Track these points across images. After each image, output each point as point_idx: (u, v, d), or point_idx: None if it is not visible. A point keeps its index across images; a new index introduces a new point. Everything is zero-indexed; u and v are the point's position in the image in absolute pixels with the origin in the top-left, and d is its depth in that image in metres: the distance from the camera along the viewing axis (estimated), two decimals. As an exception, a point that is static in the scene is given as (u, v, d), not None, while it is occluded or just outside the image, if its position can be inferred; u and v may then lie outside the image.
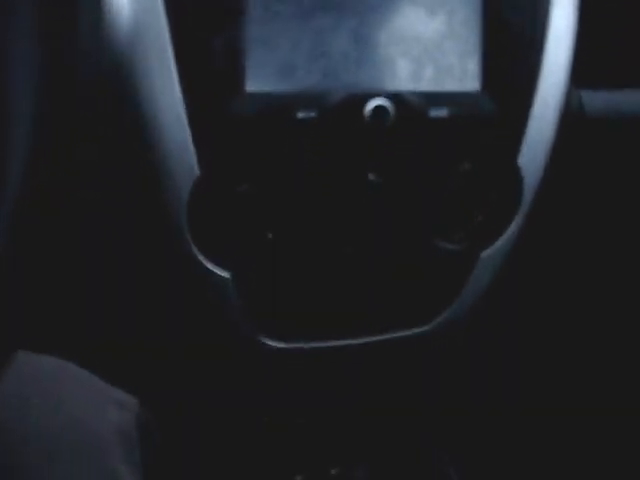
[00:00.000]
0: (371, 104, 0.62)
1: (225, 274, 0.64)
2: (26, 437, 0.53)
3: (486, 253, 0.71)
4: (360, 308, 0.69)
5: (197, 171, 0.61)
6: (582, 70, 0.73)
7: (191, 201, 0.61)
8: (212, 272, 0.64)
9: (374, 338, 0.68)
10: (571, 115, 0.74)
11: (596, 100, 0.78)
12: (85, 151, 0.40)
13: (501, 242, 0.71)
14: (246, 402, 0.83)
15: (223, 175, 0.62)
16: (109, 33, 0.53)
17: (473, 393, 1.00)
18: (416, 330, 0.72)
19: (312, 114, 0.62)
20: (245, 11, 0.60)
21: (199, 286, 0.65)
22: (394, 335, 0.71)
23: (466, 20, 0.66)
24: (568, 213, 0.84)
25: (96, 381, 0.62)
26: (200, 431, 0.87)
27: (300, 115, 0.62)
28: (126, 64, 0.59)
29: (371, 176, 0.64)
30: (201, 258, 0.63)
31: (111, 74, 0.57)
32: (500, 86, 0.67)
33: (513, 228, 0.71)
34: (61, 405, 0.57)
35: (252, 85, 0.61)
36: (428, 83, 0.65)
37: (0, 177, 0.35)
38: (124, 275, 0.72)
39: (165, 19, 0.59)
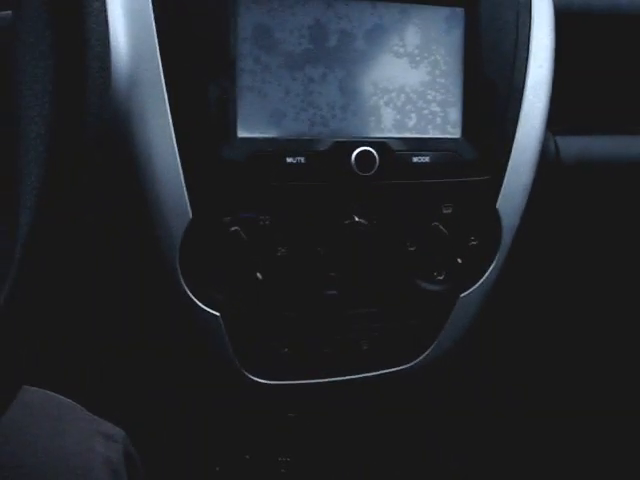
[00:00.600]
0: (357, 151, 0.65)
1: (215, 313, 0.66)
2: (17, 469, 0.54)
3: (466, 294, 0.73)
4: (345, 347, 0.70)
5: (190, 214, 0.63)
6: (558, 117, 0.76)
7: (183, 243, 0.63)
8: (203, 310, 0.66)
9: (358, 376, 0.70)
10: (547, 160, 0.77)
11: (571, 146, 0.81)
12: (86, 192, 0.41)
13: (481, 283, 0.73)
14: (233, 436, 0.84)
15: (215, 218, 0.64)
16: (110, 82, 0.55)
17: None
18: (399, 368, 0.73)
19: (301, 160, 0.64)
20: (236, 62, 0.63)
21: (190, 324, 0.66)
22: (378, 373, 0.73)
23: (448, 71, 0.69)
24: (545, 254, 0.87)
25: (84, 413, 0.63)
26: (185, 463, 0.88)
27: (289, 160, 0.64)
28: (123, 111, 0.61)
29: (357, 219, 0.66)
30: (192, 297, 0.65)
31: (109, 121, 0.59)
32: (480, 133, 0.70)
33: (492, 270, 0.73)
34: (51, 437, 0.58)
35: (243, 131, 0.64)
36: (411, 131, 0.68)
37: (14, 225, 0.37)
38: (118, 312, 0.74)
39: (161, 69, 0.61)
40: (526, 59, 0.72)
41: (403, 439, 0.95)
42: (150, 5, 0.61)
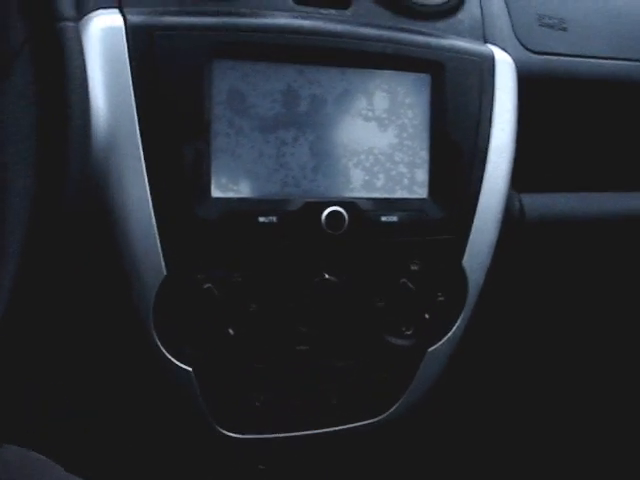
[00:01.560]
0: (327, 211, 0.67)
1: (187, 368, 0.67)
2: None
3: (433, 348, 0.75)
4: (315, 401, 0.72)
5: (164, 271, 0.64)
6: (522, 175, 0.79)
7: (157, 299, 0.65)
8: (175, 365, 0.67)
9: (328, 430, 0.71)
10: (512, 218, 0.80)
11: (535, 203, 0.84)
12: (65, 253, 0.43)
13: (448, 337, 0.75)
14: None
15: (188, 275, 0.65)
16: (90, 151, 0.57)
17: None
18: (368, 421, 0.75)
19: (273, 219, 0.66)
20: (210, 125, 0.65)
21: (162, 378, 0.67)
22: (347, 426, 0.74)
23: (415, 134, 0.72)
24: (511, 309, 0.89)
25: (57, 470, 0.64)
26: None
27: (261, 220, 0.66)
28: (100, 172, 0.62)
29: (326, 277, 0.68)
30: (165, 352, 0.66)
31: (86, 181, 0.60)
32: (446, 194, 0.73)
33: (459, 324, 0.75)
34: None
35: (217, 191, 0.66)
36: (380, 191, 0.71)
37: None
38: (91, 367, 0.74)
39: (138, 132, 0.63)
40: (489, 122, 0.75)
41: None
42: (128, 69, 0.63)
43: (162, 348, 0.66)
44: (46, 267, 0.39)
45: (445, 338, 0.76)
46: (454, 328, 0.76)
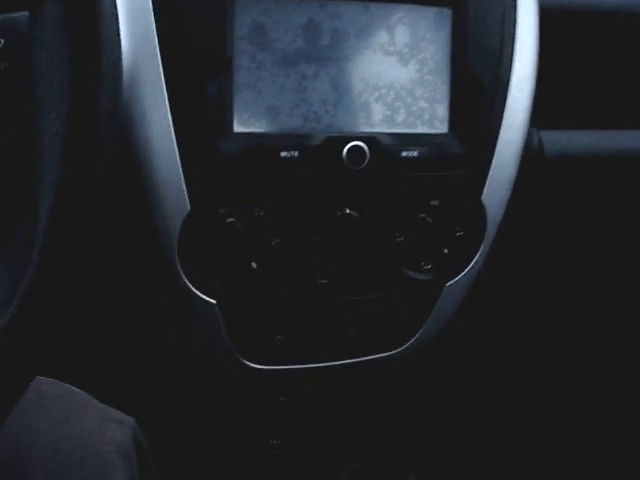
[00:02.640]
0: (348, 146, 0.67)
1: (212, 300, 0.69)
2: (31, 455, 0.57)
3: (451, 283, 0.76)
4: (336, 333, 0.73)
5: (188, 206, 0.65)
6: (542, 112, 0.79)
7: (182, 234, 0.66)
8: (200, 298, 0.68)
9: (349, 361, 0.73)
10: (531, 154, 0.80)
11: (555, 140, 0.84)
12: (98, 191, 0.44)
13: (466, 272, 0.76)
14: (229, 420, 0.86)
15: (212, 210, 0.66)
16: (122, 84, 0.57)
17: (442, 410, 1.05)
18: (387, 354, 0.76)
19: (294, 154, 0.67)
20: (232, 60, 0.65)
21: (188, 311, 0.69)
22: (367, 358, 0.75)
23: (436, 68, 0.72)
24: (529, 245, 0.90)
25: (94, 401, 0.66)
26: (184, 446, 0.91)
27: (283, 155, 0.67)
28: (124, 108, 0.63)
29: (347, 211, 0.69)
30: (190, 285, 0.68)
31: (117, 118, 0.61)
32: (466, 129, 0.73)
33: (477, 259, 0.76)
34: (65, 424, 0.61)
35: (239, 126, 0.66)
36: (400, 126, 0.71)
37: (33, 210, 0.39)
38: (119, 301, 0.76)
39: (161, 67, 0.63)
40: (511, 56, 0.74)
41: (393, 423, 0.97)
42: (150, 7, 0.63)
43: (187, 281, 0.67)
44: (81, 207, 0.40)
45: (463, 273, 0.76)
46: (472, 263, 0.76)
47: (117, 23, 0.42)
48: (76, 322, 0.42)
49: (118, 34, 0.42)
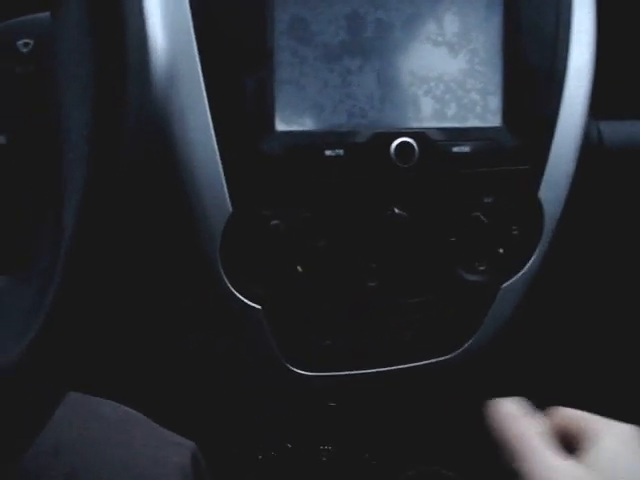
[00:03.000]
0: (396, 142, 0.64)
1: (256, 306, 0.67)
2: (92, 474, 0.55)
3: (508, 284, 0.73)
4: (386, 338, 0.70)
5: (230, 208, 0.63)
6: (601, 102, 0.75)
7: (224, 237, 0.64)
8: (244, 304, 0.66)
9: (399, 367, 0.70)
10: (590, 147, 0.76)
11: (615, 131, 0.79)
12: (129, 191, 0.42)
13: (522, 273, 0.72)
14: (275, 426, 0.84)
15: (255, 211, 0.64)
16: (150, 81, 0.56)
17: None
18: (441, 358, 0.73)
19: (339, 152, 0.64)
20: (273, 55, 0.63)
21: (232, 318, 0.67)
22: (419, 364, 0.73)
23: (487, 58, 0.68)
24: (588, 244, 0.86)
25: (152, 424, 0.65)
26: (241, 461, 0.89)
27: (328, 153, 0.64)
28: (162, 107, 0.61)
29: (396, 211, 0.66)
30: (234, 291, 0.66)
31: (149, 118, 0.59)
32: (521, 121, 0.69)
33: (534, 260, 0.72)
34: (125, 447, 0.59)
35: (281, 125, 0.64)
36: (451, 120, 0.68)
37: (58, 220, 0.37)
38: (160, 308, 0.74)
39: (199, 64, 0.61)
40: (567, 43, 0.70)
41: (445, 429, 0.94)
42: (187, 1, 0.61)
43: (230, 287, 0.65)
44: (109, 209, 0.38)
45: (520, 274, 0.73)
46: (529, 263, 0.73)
47: (143, 18, 0.40)
48: (109, 332, 0.40)
49: (144, 29, 0.40)
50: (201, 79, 0.61)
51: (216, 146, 0.62)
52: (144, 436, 0.63)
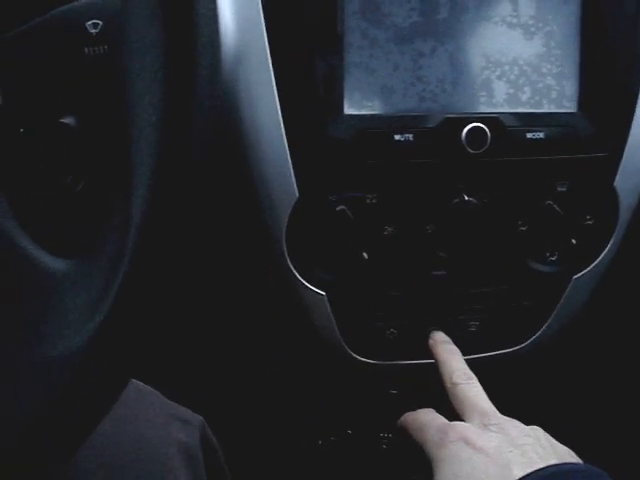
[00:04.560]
0: (468, 127, 0.63)
1: (321, 292, 0.66)
2: (92, 454, 0.55)
3: (580, 275, 0.70)
4: (453, 328, 0.69)
5: (296, 193, 0.62)
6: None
7: (290, 222, 0.63)
8: (309, 290, 0.65)
9: (466, 357, 0.68)
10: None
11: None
12: (199, 177, 0.41)
13: (595, 264, 0.70)
14: (332, 417, 0.84)
15: (321, 197, 0.63)
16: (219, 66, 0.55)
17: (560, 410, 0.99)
18: (509, 350, 0.72)
19: (409, 137, 0.63)
20: (343, 37, 0.62)
21: (296, 303, 0.66)
22: (486, 355, 0.71)
23: (564, 41, 0.66)
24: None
25: (160, 398, 0.63)
26: (267, 444, 0.89)
27: (397, 138, 0.63)
28: (230, 89, 0.60)
29: (466, 198, 0.64)
30: (299, 277, 0.65)
31: (218, 103, 0.59)
32: (598, 107, 0.67)
33: (608, 251, 0.70)
34: (127, 423, 0.58)
35: (350, 108, 0.63)
36: (525, 105, 0.66)
37: (126, 204, 0.37)
38: (223, 293, 0.74)
39: (267, 46, 0.60)
40: (648, 26, 0.68)
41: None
42: (256, -19, 0.60)
43: (295, 272, 0.65)
44: (178, 196, 0.38)
45: (593, 265, 0.70)
46: (603, 254, 0.70)
47: (215, 1, 0.39)
48: (173, 317, 0.40)
49: (215, 12, 0.39)
50: (269, 61, 0.61)
51: (283, 129, 0.61)
52: (151, 413, 0.61)
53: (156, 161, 0.36)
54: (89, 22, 0.52)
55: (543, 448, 0.53)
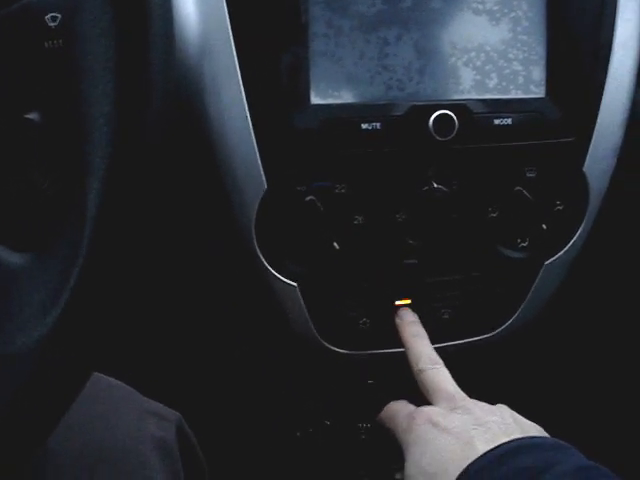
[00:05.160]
0: (435, 115, 0.62)
1: (292, 283, 0.66)
2: (67, 451, 0.54)
3: (551, 261, 0.70)
4: (425, 316, 0.69)
5: (265, 184, 0.62)
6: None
7: (259, 213, 0.63)
8: (280, 281, 0.65)
9: (439, 345, 0.68)
10: (638, 118, 0.73)
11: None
12: (158, 168, 0.41)
13: (566, 250, 0.70)
14: (308, 406, 0.84)
15: (290, 187, 0.63)
16: (179, 50, 0.55)
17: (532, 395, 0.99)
18: (481, 337, 0.72)
19: (376, 125, 0.63)
20: (308, 27, 0.61)
21: (267, 295, 0.66)
22: (459, 342, 0.71)
23: (531, 27, 0.66)
24: (636, 219, 0.83)
25: (135, 395, 0.63)
26: (246, 438, 0.89)
27: (364, 126, 0.62)
28: (194, 80, 0.60)
29: (435, 185, 0.64)
30: (269, 268, 0.65)
31: (180, 91, 0.58)
32: (566, 92, 0.67)
33: (579, 236, 0.70)
34: (102, 419, 0.58)
35: (317, 98, 0.62)
36: (492, 91, 0.66)
37: (82, 199, 0.37)
38: (191, 285, 0.74)
39: (231, 37, 0.60)
40: (614, 12, 0.67)
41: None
42: (219, -29, 0.60)
43: (266, 263, 0.64)
44: (134, 188, 0.37)
45: (563, 250, 0.71)
46: (574, 239, 0.70)
47: None
48: (135, 310, 0.39)
49: (169, 2, 0.38)
50: (234, 52, 0.60)
51: (250, 121, 0.61)
52: (125, 409, 0.61)
53: (109, 152, 0.35)
54: (48, 15, 0.52)
55: (506, 425, 0.54)
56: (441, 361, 0.62)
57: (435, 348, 0.68)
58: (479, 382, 0.85)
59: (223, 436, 0.86)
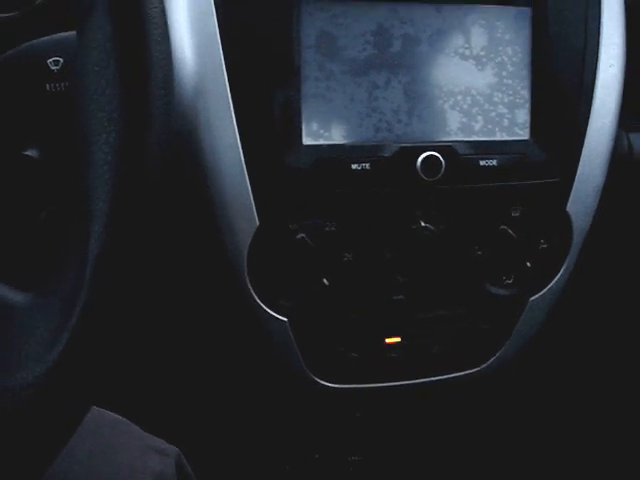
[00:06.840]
0: (423, 156, 0.64)
1: (283, 318, 0.67)
2: None
3: (536, 297, 0.72)
4: (412, 351, 0.70)
5: (257, 221, 0.63)
6: (631, 113, 0.74)
7: (251, 250, 0.64)
8: (270, 316, 0.66)
9: (426, 379, 0.70)
10: (620, 159, 0.75)
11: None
12: (157, 209, 0.42)
13: (550, 287, 0.72)
14: (302, 437, 0.84)
15: (281, 225, 0.64)
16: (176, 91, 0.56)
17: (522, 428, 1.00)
18: (467, 372, 0.73)
19: (366, 166, 0.64)
20: (300, 70, 0.63)
21: (258, 330, 0.67)
22: (446, 377, 0.72)
23: (515, 72, 0.68)
24: (618, 257, 0.85)
25: (136, 430, 0.64)
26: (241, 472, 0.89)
27: (354, 167, 0.64)
28: (190, 121, 0.62)
29: (423, 225, 0.66)
30: (260, 303, 0.66)
31: (176, 133, 0.60)
32: (549, 134, 0.69)
33: (563, 273, 0.72)
34: (103, 454, 0.59)
35: (308, 138, 0.64)
36: (478, 134, 0.68)
37: (85, 237, 0.38)
38: (185, 319, 0.75)
39: (226, 79, 0.62)
40: (596, 57, 0.70)
41: (471, 442, 0.94)
42: (214, 15, 0.61)
43: (257, 299, 0.66)
44: (135, 224, 0.39)
45: (548, 287, 0.72)
46: (557, 277, 0.72)
47: (168, 42, 0.40)
48: (134, 345, 0.41)
49: (169, 54, 0.40)
50: (228, 93, 0.62)
51: (243, 160, 0.63)
52: (126, 444, 0.62)
53: (112, 198, 0.37)
54: (50, 59, 0.54)
55: None
56: None
57: (420, 383, 0.69)
58: (466, 418, 0.86)
59: (218, 470, 0.87)
